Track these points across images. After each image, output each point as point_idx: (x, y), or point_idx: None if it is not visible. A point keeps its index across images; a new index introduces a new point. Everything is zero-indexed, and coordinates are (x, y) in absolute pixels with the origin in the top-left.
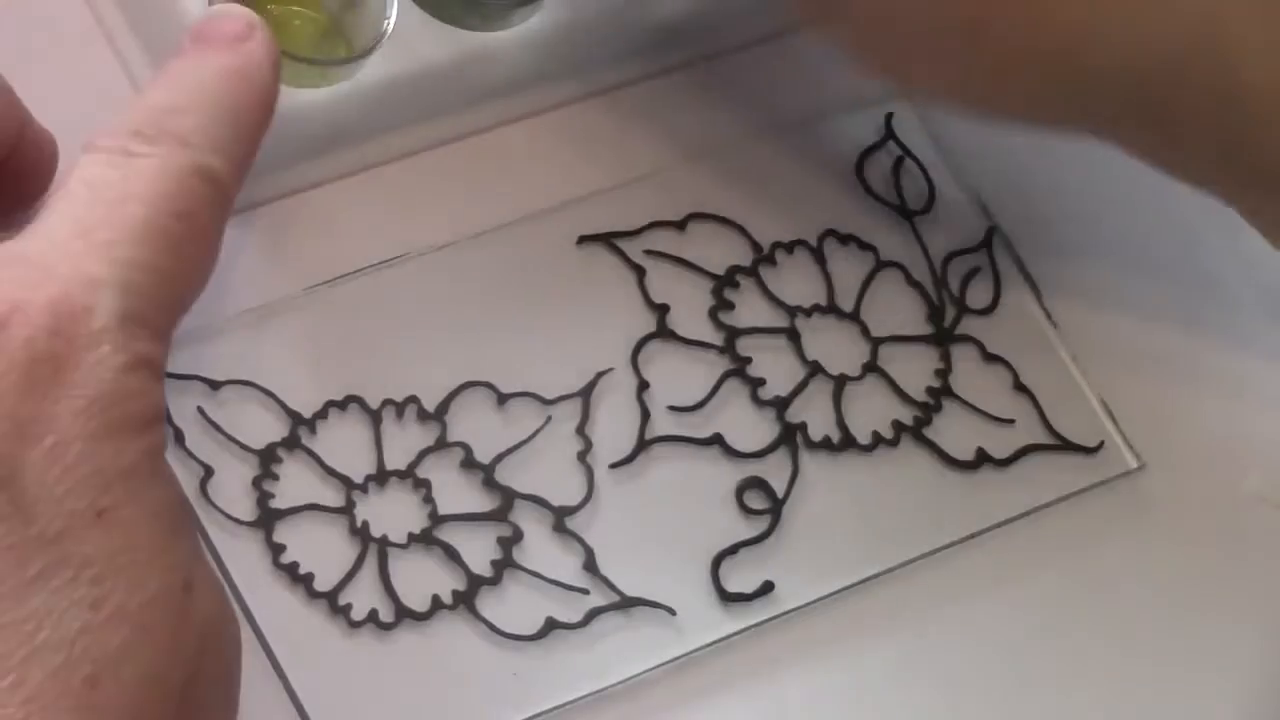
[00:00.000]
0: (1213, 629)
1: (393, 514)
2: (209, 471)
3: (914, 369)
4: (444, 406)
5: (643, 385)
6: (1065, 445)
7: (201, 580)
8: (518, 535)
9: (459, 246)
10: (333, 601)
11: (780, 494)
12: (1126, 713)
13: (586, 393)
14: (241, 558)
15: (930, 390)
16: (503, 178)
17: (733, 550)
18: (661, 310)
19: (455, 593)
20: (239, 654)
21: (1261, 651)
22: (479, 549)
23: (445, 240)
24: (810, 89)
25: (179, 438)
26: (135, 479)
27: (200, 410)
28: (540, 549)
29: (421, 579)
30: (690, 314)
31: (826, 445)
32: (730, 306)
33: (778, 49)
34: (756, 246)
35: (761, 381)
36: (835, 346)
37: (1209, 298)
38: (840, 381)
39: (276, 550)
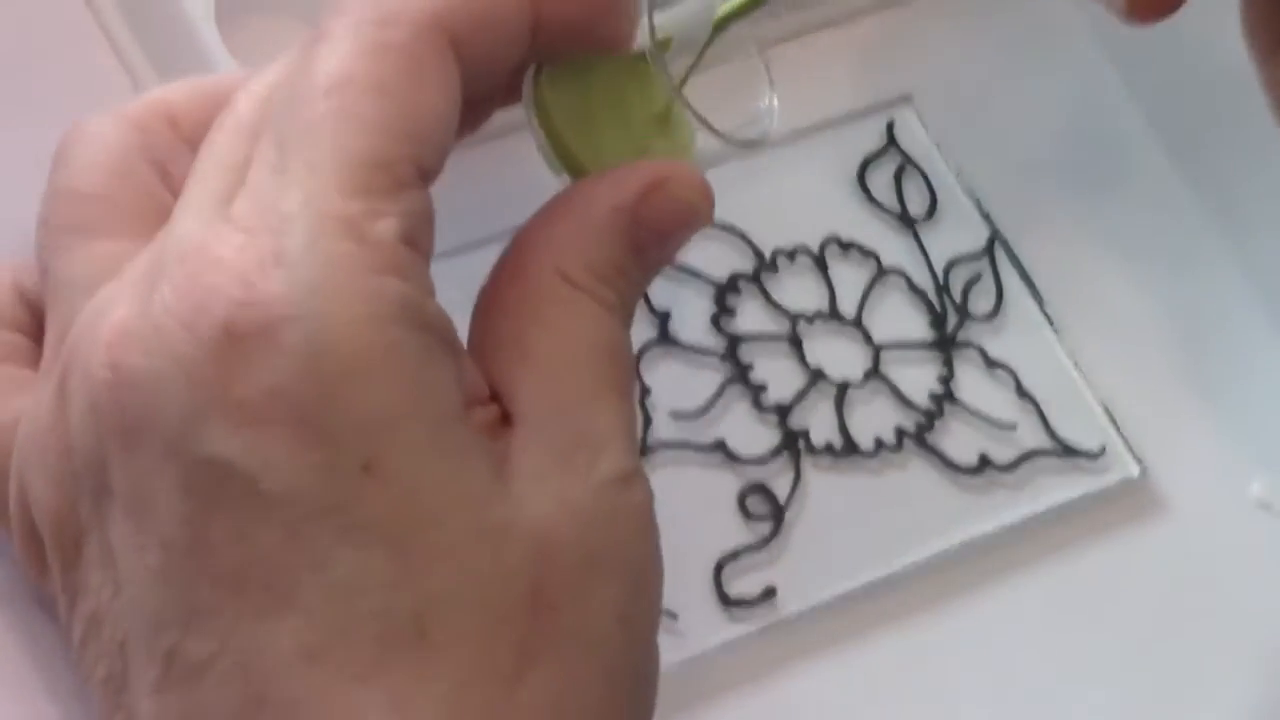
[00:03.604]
0: (1215, 636)
1: None
2: None
3: (916, 375)
4: None
5: (645, 391)
6: (1068, 451)
7: (521, 474)
8: None
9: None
10: None
11: (782, 500)
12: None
13: None
14: None
15: (933, 396)
16: None
17: (735, 555)
18: (663, 317)
19: None
20: (624, 522)
21: (1263, 659)
22: None
23: None
24: (812, 96)
25: None
26: (395, 417)
27: None
28: None
29: None
30: (692, 320)
31: (829, 451)
32: (732, 313)
33: (777, 56)
34: (758, 253)
35: (763, 388)
36: (837, 353)
37: (1211, 304)
38: (842, 388)
39: None
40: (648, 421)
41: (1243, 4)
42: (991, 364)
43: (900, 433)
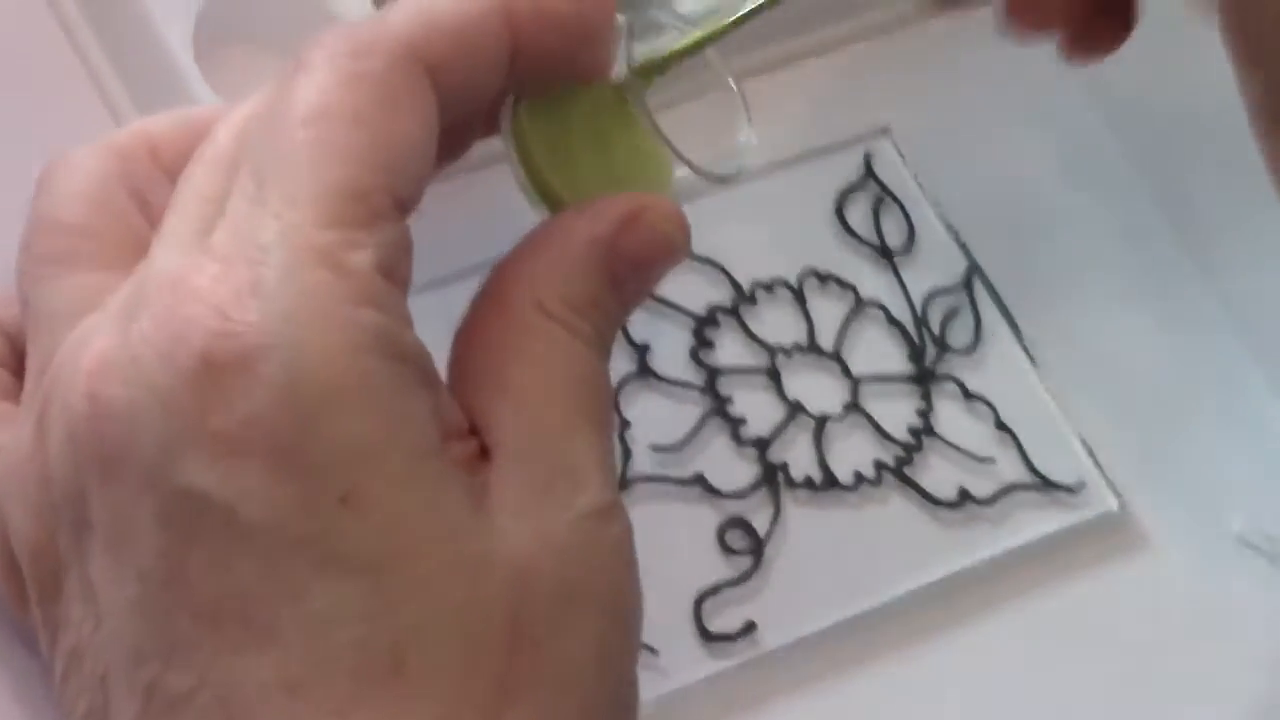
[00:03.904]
0: (1195, 672)
1: None
2: None
3: (895, 408)
4: None
5: (624, 425)
6: (1047, 485)
7: (500, 507)
8: None
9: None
10: None
11: (762, 534)
12: None
13: None
14: None
15: (911, 430)
16: None
17: (714, 590)
18: (642, 350)
19: None
20: (603, 555)
21: (1243, 694)
22: None
23: None
24: (790, 128)
25: None
26: (372, 447)
27: None
28: None
29: None
30: (671, 353)
31: (808, 485)
32: (711, 346)
33: (755, 88)
34: (737, 286)
35: (742, 421)
36: (816, 386)
37: (1191, 338)
38: (821, 421)
39: None
40: (627, 455)
41: (1241, 83)
42: (970, 397)
43: (879, 466)
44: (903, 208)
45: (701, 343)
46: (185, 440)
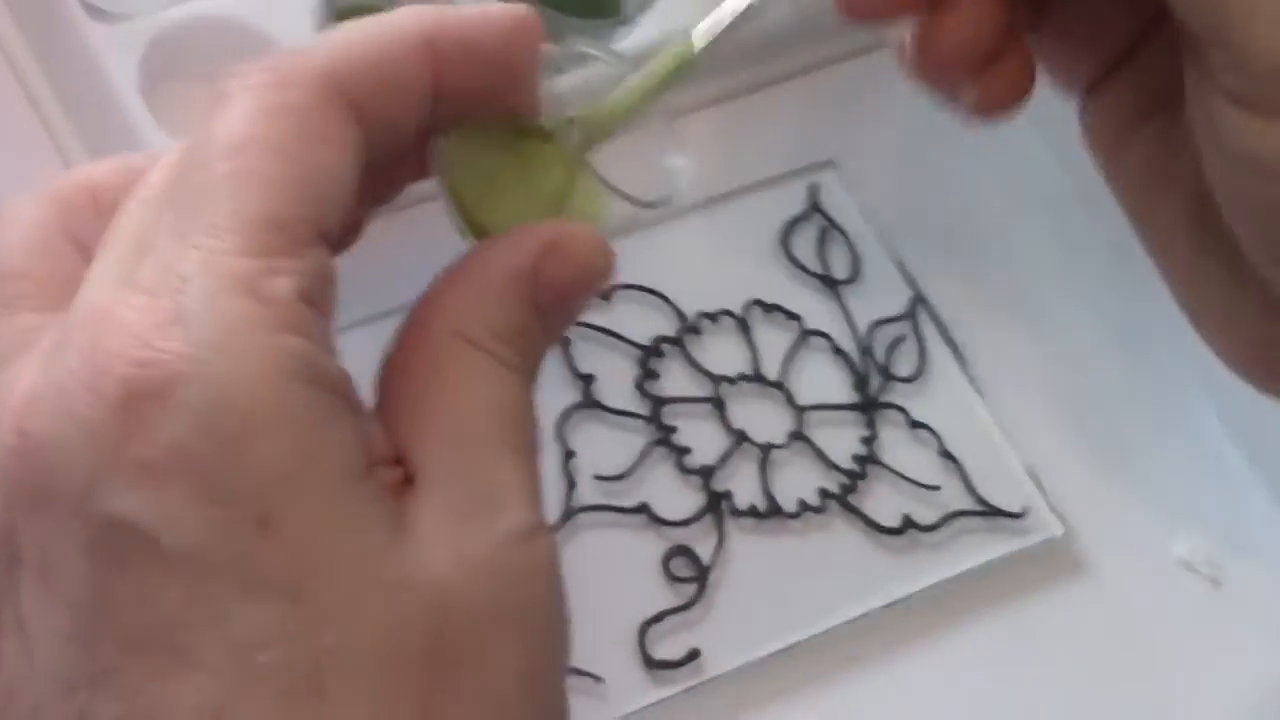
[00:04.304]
0: (1139, 693)
1: None
2: None
3: (840, 437)
4: None
5: (568, 455)
6: (991, 511)
7: (421, 531)
8: None
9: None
10: None
11: (706, 562)
12: None
13: None
14: None
15: (856, 458)
16: None
17: (659, 618)
18: (587, 380)
19: None
20: (527, 576)
21: (1186, 714)
22: None
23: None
24: (735, 160)
25: None
26: (290, 471)
27: None
28: None
29: None
30: (616, 384)
31: (753, 513)
32: (656, 376)
33: (700, 121)
34: (682, 316)
35: (687, 450)
36: (761, 415)
37: (1135, 364)
38: (766, 450)
39: None
40: (571, 485)
41: (1082, 113)
42: (914, 425)
43: (824, 494)
44: (847, 238)
45: (646, 373)
46: (109, 468)
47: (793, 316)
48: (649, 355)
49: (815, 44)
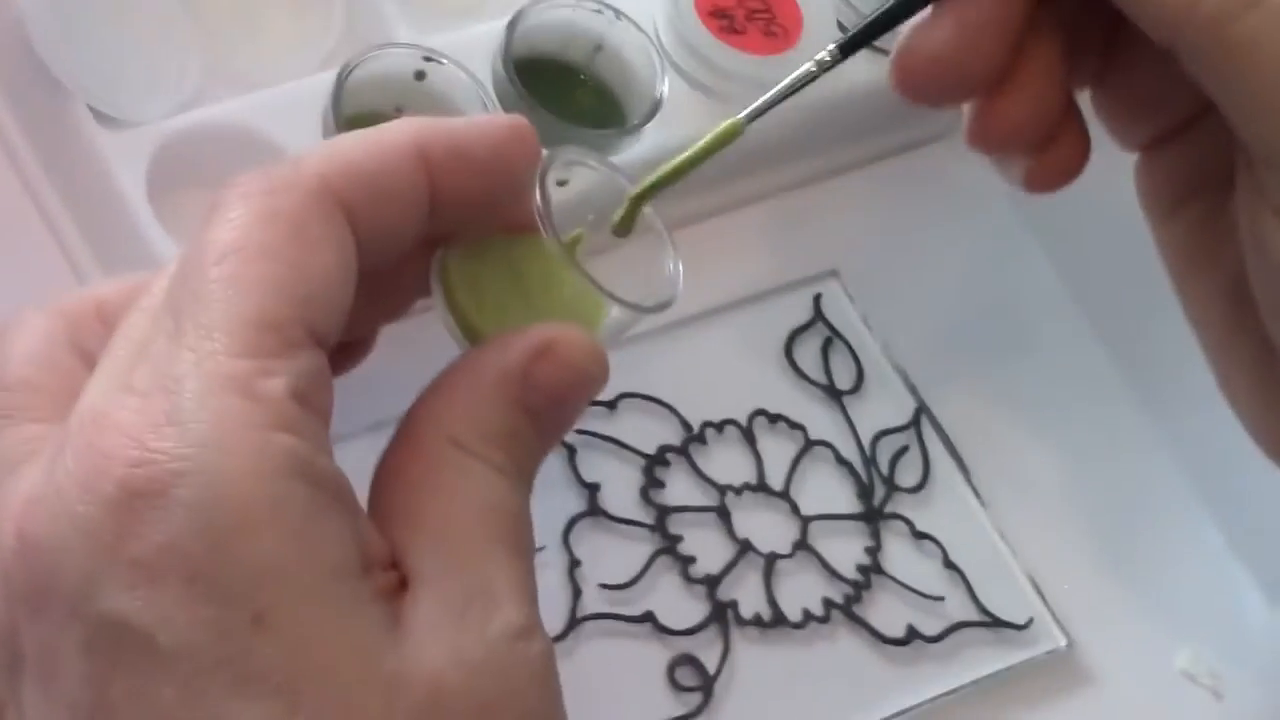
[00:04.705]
0: None
1: None
2: None
3: (844, 547)
4: None
5: (574, 563)
6: (995, 622)
7: (415, 629)
8: None
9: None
10: None
11: (712, 671)
12: None
13: None
14: None
15: (860, 568)
16: None
17: None
18: (592, 489)
19: None
20: (520, 674)
21: None
22: None
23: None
24: (738, 271)
25: None
26: (283, 567)
27: None
28: None
29: None
30: (621, 492)
31: (757, 622)
32: (661, 485)
33: (704, 230)
34: (687, 425)
35: (692, 559)
36: (765, 525)
37: (1136, 477)
38: (770, 559)
39: None
40: (577, 593)
41: (1138, 171)
42: (919, 536)
43: (828, 604)
44: (851, 348)
45: (652, 482)
46: (105, 568)
47: (797, 426)
48: (654, 464)
49: (816, 155)
